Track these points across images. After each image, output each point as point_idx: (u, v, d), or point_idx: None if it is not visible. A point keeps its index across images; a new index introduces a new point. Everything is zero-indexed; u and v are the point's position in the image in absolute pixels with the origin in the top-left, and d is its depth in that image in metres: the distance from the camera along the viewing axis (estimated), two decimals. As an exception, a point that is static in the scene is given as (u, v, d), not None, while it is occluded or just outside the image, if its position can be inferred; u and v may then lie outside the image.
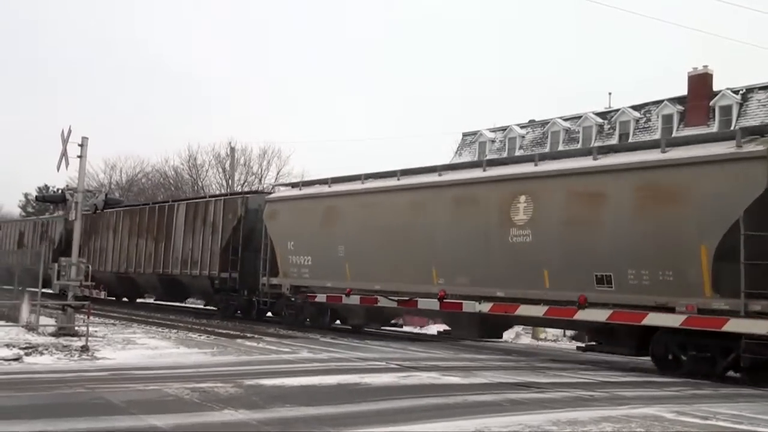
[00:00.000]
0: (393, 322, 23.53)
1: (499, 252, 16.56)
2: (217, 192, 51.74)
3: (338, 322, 22.85)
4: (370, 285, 19.62)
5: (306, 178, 34.33)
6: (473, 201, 17.50)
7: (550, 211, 15.67)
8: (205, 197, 27.50)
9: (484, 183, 17.51)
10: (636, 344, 14.71)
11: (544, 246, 15.60)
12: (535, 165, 16.66)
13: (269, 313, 25.33)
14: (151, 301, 36.58)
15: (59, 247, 35.88)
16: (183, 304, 33.58)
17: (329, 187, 21.96)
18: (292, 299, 22.69)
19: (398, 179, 19.69)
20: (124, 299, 35.90)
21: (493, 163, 18.64)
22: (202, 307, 32.36)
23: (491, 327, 18.37)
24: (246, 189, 48.26)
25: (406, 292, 18.73)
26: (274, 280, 23.06)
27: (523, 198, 16.15)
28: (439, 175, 18.76)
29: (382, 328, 22.74)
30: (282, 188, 25.16)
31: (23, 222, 44.05)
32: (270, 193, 25.26)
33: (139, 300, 36.23)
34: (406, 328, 25.23)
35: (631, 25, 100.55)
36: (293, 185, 24.93)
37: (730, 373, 13.66)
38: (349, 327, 22.65)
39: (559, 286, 15.29)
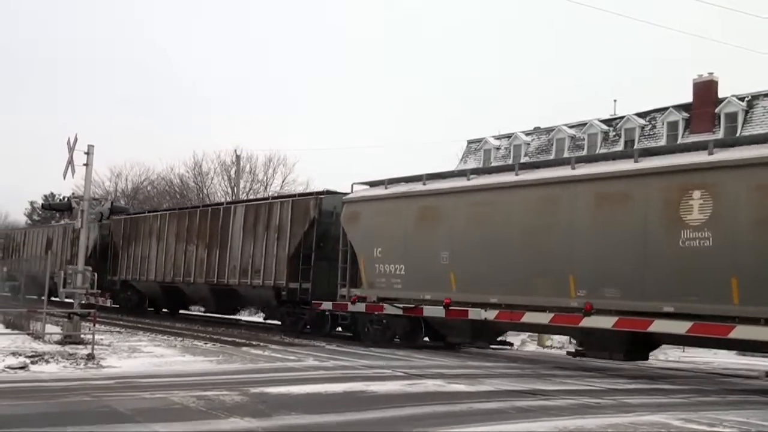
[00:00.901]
0: (500, 339, 19.47)
1: (664, 259, 14.02)
2: (223, 197, 51.77)
3: (427, 339, 20.34)
4: (483, 297, 16.97)
5: (312, 186, 33.80)
6: (624, 198, 14.94)
7: (735, 209, 13.20)
8: (267, 198, 24.96)
9: (639, 176, 14.77)
10: None
11: (731, 251, 13.08)
12: (710, 154, 13.93)
13: (339, 329, 22.58)
14: (198, 313, 34.35)
15: (93, 254, 33.73)
16: (234, 317, 30.79)
17: (424, 184, 19.15)
18: (375, 313, 19.85)
19: (517, 174, 17.14)
20: (164, 310, 33.17)
21: (648, 152, 15.79)
22: (260, 321, 29.33)
23: (638, 346, 15.45)
24: (252, 196, 48.30)
25: (532, 306, 16.00)
26: (357, 292, 20.26)
27: (697, 194, 13.64)
28: (573, 168, 16.24)
29: (491, 346, 19.51)
30: (359, 187, 21.74)
31: (52, 228, 41.29)
32: (347, 192, 21.91)
33: (182, 312, 33.75)
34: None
35: (636, 32, 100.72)
36: (375, 183, 21.70)
37: None
38: (445, 344, 19.91)
39: (754, 300, 12.73)
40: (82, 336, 16.85)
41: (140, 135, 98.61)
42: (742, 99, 35.46)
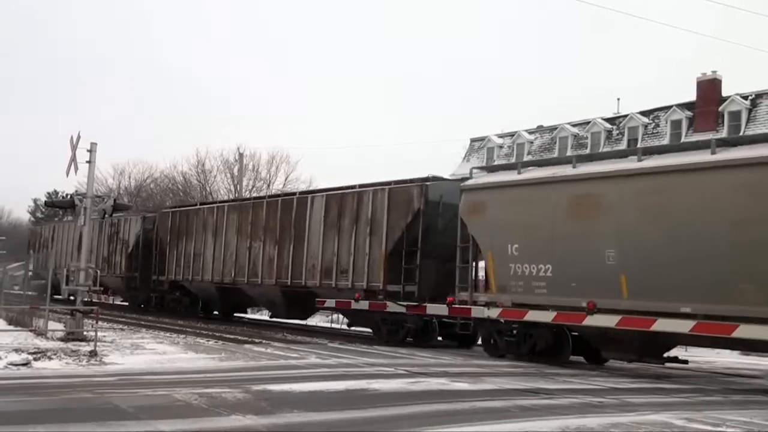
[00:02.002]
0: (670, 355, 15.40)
1: None
2: (227, 195, 51.82)
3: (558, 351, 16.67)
4: (669, 305, 13.79)
5: (315, 184, 33.29)
6: None
7: None
8: (354, 187, 21.40)
9: None
10: None
11: None
12: None
13: (439, 338, 19.86)
14: (257, 317, 31.48)
15: (134, 252, 32.00)
16: (303, 322, 26.95)
17: (574, 167, 16.10)
18: (501, 321, 16.85)
19: (713, 153, 13.95)
20: (215, 313, 29.35)
21: None
22: (342, 328, 25.59)
23: None
24: (254, 194, 48.29)
25: (740, 318, 12.83)
26: (483, 297, 17.21)
27: None
28: None
29: (666, 363, 15.42)
30: (479, 172, 18.68)
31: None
32: (466, 178, 18.62)
33: (237, 315, 30.13)
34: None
35: (640, 30, 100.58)
36: (504, 167, 19.14)
37: None
38: (591, 359, 16.83)
39: None
40: (84, 333, 16.86)
41: (143, 133, 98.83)
42: (745, 97, 35.40)
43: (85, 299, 18.25)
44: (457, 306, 17.83)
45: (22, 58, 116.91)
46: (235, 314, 29.82)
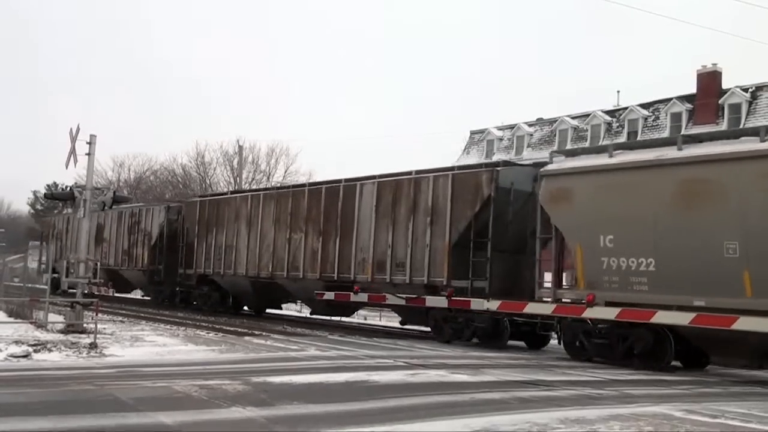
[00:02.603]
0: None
1: None
2: (228, 187, 51.77)
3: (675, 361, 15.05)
4: None
5: (315, 177, 32.49)
6: None
7: None
8: (410, 173, 19.87)
9: None
10: None
11: None
12: None
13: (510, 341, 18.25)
14: (294, 313, 30.32)
15: (158, 244, 29.94)
16: (347, 319, 26.15)
17: (680, 149, 14.46)
18: (588, 321, 15.41)
19: None
20: (245, 308, 27.95)
21: None
22: (393, 326, 24.53)
23: None
24: (255, 187, 48.23)
25: None
26: (568, 294, 15.75)
27: None
28: None
29: None
30: (559, 157, 17.03)
31: (103, 213, 35.10)
32: (542, 163, 17.37)
33: (270, 312, 28.65)
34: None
35: (640, 23, 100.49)
36: (589, 151, 17.72)
37: None
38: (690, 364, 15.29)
39: None
40: (84, 325, 16.87)
41: (143, 126, 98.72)
42: (745, 90, 35.39)
43: (86, 291, 18.22)
44: (456, 298, 17.84)
45: (21, 53, 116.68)
46: (267, 310, 28.48)
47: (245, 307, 27.78)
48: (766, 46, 75.37)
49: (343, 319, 26.18)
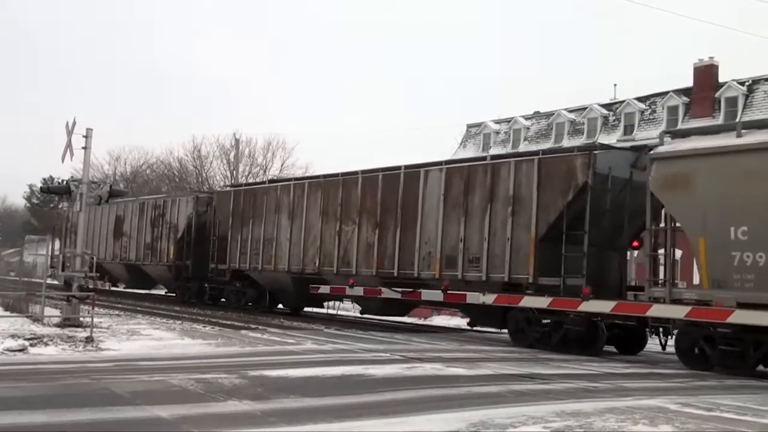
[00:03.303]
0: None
1: None
2: (225, 181, 51.66)
3: None
4: None
5: (312, 170, 31.88)
6: None
7: None
8: (485, 159, 18.51)
9: None
10: None
11: None
12: None
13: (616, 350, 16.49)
14: (345, 313, 27.93)
15: (185, 237, 27.92)
16: (400, 320, 24.57)
17: None
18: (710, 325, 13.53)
19: None
20: (279, 306, 26.06)
21: None
22: (456, 326, 23.51)
23: None
24: (251, 180, 48.16)
25: None
26: (688, 295, 14.01)
27: None
28: None
29: None
30: (670, 139, 15.16)
31: (123, 204, 32.57)
32: (645, 146, 15.96)
33: (308, 309, 26.61)
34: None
35: (637, 17, 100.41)
36: (709, 131, 15.87)
37: None
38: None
39: None
40: (81, 319, 16.86)
41: (139, 118, 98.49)
42: (742, 83, 35.40)
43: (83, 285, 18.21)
44: (452, 292, 17.79)
45: (21, 48, 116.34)
46: (305, 309, 26.53)
47: (279, 305, 26.04)
48: (763, 39, 75.40)
49: (403, 319, 24.49)
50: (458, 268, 17.82)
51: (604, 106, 41.25)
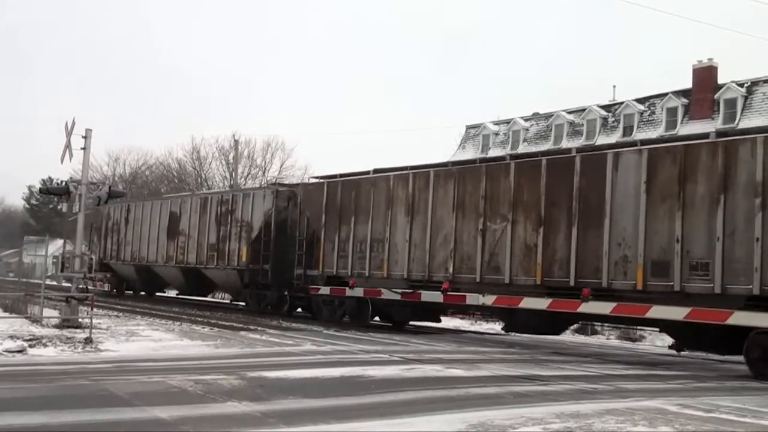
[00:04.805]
0: None
1: None
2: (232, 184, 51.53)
3: None
4: None
5: (311, 172, 30.78)
6: None
7: None
8: (706, 136, 15.06)
9: None
10: None
11: None
12: None
13: None
14: (468, 327, 23.97)
15: (261, 238, 24.15)
16: (560, 338, 20.30)
17: None
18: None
19: None
20: (375, 318, 21.60)
21: None
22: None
23: None
24: (251, 183, 48.11)
25: None
26: None
27: None
28: None
29: None
30: None
31: (179, 199, 29.63)
32: None
33: (419, 323, 21.87)
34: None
35: (635, 18, 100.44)
36: None
37: None
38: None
39: None
40: (80, 320, 16.84)
41: (139, 120, 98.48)
42: (741, 85, 35.40)
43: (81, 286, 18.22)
44: (451, 293, 17.71)
45: (20, 49, 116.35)
46: (413, 322, 22.01)
47: (376, 318, 21.76)
48: (762, 41, 75.49)
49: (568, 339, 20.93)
50: (673, 275, 14.07)
51: (603, 107, 41.27)
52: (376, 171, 21.15)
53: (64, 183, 18.51)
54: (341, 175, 22.21)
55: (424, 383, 10.60)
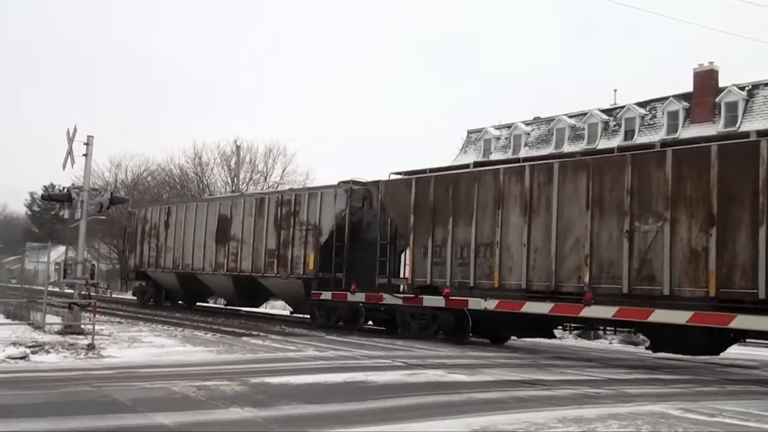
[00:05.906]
0: None
1: None
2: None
3: None
4: None
5: (312, 177, 30.57)
6: None
7: None
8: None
9: None
10: None
11: None
12: None
13: None
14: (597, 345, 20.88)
15: (332, 242, 21.63)
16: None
17: None
18: None
19: None
20: (468, 334, 18.56)
21: None
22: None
23: None
24: (253, 188, 48.08)
25: None
26: None
27: None
28: None
29: None
30: None
31: (228, 200, 27.17)
32: None
33: (551, 339, 18.86)
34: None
35: (637, 22, 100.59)
36: None
37: None
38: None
39: None
40: (82, 326, 16.85)
41: (140, 126, 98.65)
42: (742, 88, 35.43)
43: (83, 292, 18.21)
44: (453, 298, 17.62)
45: (20, 56, 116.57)
46: (520, 337, 19.94)
47: (481, 337, 19.35)
48: (763, 44, 75.55)
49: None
50: None
51: (604, 111, 41.32)
52: (476, 165, 18.95)
53: (66, 189, 18.56)
54: (430, 170, 19.44)
55: (426, 388, 10.59)
